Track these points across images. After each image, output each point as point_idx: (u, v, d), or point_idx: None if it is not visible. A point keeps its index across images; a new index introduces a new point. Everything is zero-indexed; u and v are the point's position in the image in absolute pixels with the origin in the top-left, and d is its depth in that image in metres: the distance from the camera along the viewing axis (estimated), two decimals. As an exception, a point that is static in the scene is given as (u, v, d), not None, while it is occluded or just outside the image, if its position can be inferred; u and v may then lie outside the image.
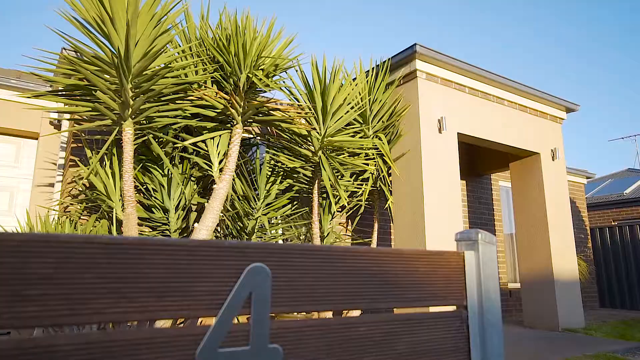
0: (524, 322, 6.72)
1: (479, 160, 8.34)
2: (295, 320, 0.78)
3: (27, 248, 0.57)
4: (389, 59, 5.73)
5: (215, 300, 0.70)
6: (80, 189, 4.34)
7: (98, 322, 0.62)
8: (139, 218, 4.17)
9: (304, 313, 3.90)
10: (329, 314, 4.61)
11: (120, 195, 3.88)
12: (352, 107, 5.04)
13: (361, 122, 5.43)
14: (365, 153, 5.35)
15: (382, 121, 5.56)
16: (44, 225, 3.56)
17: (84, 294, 0.60)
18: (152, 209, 4.27)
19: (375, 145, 5.37)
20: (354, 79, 5.56)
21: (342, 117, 4.72)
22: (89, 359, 0.60)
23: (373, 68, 5.78)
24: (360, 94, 5.22)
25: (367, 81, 5.45)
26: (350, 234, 6.55)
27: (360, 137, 5.39)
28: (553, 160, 6.89)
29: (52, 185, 5.33)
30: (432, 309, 3.10)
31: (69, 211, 4.35)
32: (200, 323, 3.65)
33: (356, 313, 4.68)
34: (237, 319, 0.74)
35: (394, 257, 0.92)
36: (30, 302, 0.56)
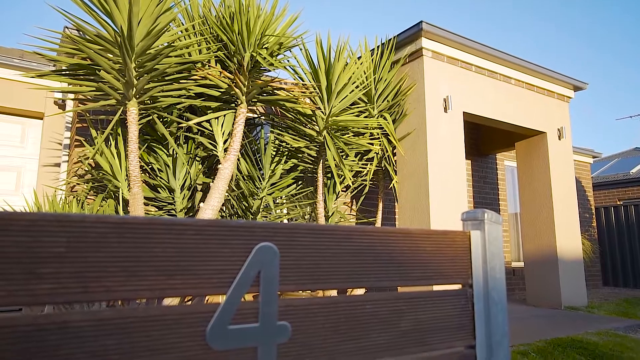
0: (526, 300, 6.79)
1: (485, 139, 8.29)
2: (302, 298, 0.79)
3: (39, 227, 0.58)
4: (394, 37, 5.65)
5: (224, 278, 0.71)
6: (86, 169, 4.36)
7: (109, 300, 0.63)
8: (145, 198, 4.20)
9: (310, 291, 3.95)
10: (333, 293, 4.66)
11: (126, 175, 3.90)
12: (357, 86, 5.00)
13: (366, 101, 5.39)
14: (370, 133, 5.33)
15: (387, 100, 5.51)
16: (52, 205, 3.60)
17: (96, 272, 0.61)
18: (158, 188, 4.29)
19: (380, 125, 5.34)
20: (359, 58, 5.49)
21: (347, 96, 4.69)
22: (101, 335, 0.61)
23: (378, 46, 5.71)
24: (365, 73, 5.17)
25: (372, 60, 5.39)
26: (354, 214, 6.58)
27: (365, 117, 5.35)
28: (559, 139, 6.84)
29: (58, 165, 5.36)
30: (438, 288, 3.13)
31: (76, 191, 4.38)
32: (207, 301, 3.71)
33: (360, 292, 4.74)
34: (245, 298, 0.75)
35: (400, 236, 0.92)
36: (44, 280, 0.58)
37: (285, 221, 4.42)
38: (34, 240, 0.57)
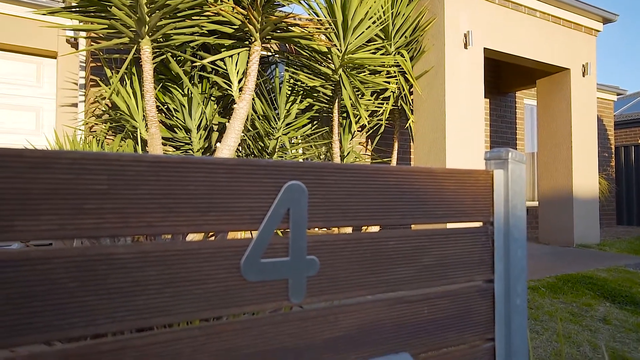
0: (538, 238, 6.88)
1: (504, 77, 8.04)
2: (329, 234, 0.82)
3: (81, 165, 0.60)
4: (414, -33, 5.34)
5: (255, 215, 0.74)
6: (104, 109, 4.38)
7: (150, 234, 0.66)
8: (162, 138, 4.24)
9: (335, 229, 4.07)
10: (348, 230, 4.78)
11: (143, 115, 3.92)
12: (373, 22, 4.81)
13: (383, 38, 5.21)
14: (387, 71, 5.20)
15: (405, 37, 5.32)
16: (73, 145, 3.66)
17: (136, 208, 0.64)
18: (175, 128, 4.32)
19: (397, 63, 5.19)
20: (377, -10, 5.24)
21: (363, 32, 4.53)
22: (143, 265, 0.66)
23: (397, -23, 5.41)
24: (382, 7, 4.95)
25: (390, -8, 5.13)
26: (370, 154, 6.58)
27: (382, 54, 5.20)
28: (583, 76, 6.59)
29: (75, 105, 5.39)
30: (458, 225, 3.19)
31: (95, 131, 4.44)
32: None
33: (376, 230, 4.85)
34: (277, 233, 0.78)
35: (424, 175, 0.93)
36: (89, 215, 0.61)
37: (297, 160, 4.45)
38: (77, 177, 0.60)
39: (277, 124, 4.63)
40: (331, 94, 4.97)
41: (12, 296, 0.56)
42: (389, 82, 5.12)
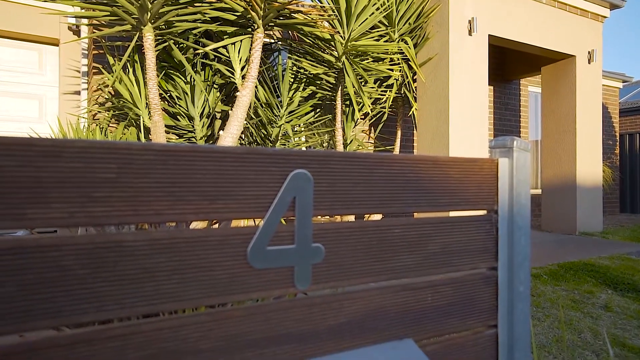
0: (541, 226, 6.89)
1: (509, 64, 7.97)
2: (334, 222, 0.83)
3: (90, 154, 0.61)
4: (418, -48, 5.27)
5: (262, 203, 0.75)
6: (106, 96, 4.38)
7: (158, 222, 0.67)
8: (165, 126, 4.24)
9: (339, 217, 4.08)
10: (351, 218, 4.79)
11: (146, 103, 3.91)
12: (377, 9, 4.77)
13: (386, 24, 5.16)
14: (390, 58, 5.16)
15: (409, 23, 5.27)
16: (76, 133, 3.67)
17: (145, 196, 0.65)
18: (177, 116, 4.32)
19: (401, 50, 5.16)
20: (380, -24, 5.18)
21: (366, 19, 4.49)
22: (152, 253, 0.66)
23: (401, -38, 5.34)
24: (386, -7, 4.90)
25: (394, -22, 5.08)
26: (372, 142, 6.57)
27: (385, 41, 5.16)
28: (589, 63, 6.53)
29: (78, 93, 5.38)
30: (462, 214, 3.20)
31: (98, 119, 4.44)
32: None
33: (378, 217, 4.86)
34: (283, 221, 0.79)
35: (428, 163, 0.94)
36: (99, 203, 0.61)
37: (304, 149, 4.45)
38: (87, 166, 0.60)
39: (280, 111, 4.62)
40: (334, 82, 4.94)
41: (25, 282, 0.57)
42: (392, 70, 5.09)
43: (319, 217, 0.81)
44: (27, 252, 0.58)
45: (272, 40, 5.12)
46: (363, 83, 5.21)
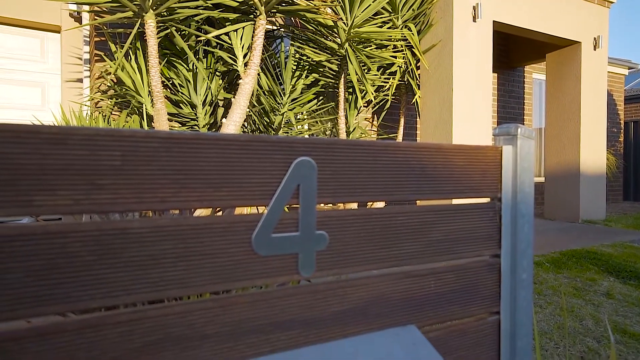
0: (543, 214, 6.89)
1: (513, 50, 7.89)
2: (338, 210, 0.83)
3: (95, 141, 0.61)
4: (423, -64, 5.19)
5: (266, 191, 0.75)
6: (109, 84, 4.37)
7: (163, 210, 0.68)
8: (168, 113, 4.24)
9: (342, 205, 4.09)
10: (354, 206, 4.80)
11: (149, 91, 3.90)
12: (381, -6, 4.71)
13: (390, 11, 5.11)
14: (394, 45, 5.12)
15: (413, 9, 5.21)
16: (79, 121, 3.67)
17: (150, 184, 0.65)
18: (180, 104, 4.31)
19: (404, 36, 5.11)
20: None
21: (370, 5, 4.44)
22: (158, 239, 0.67)
23: (405, -53, 5.27)
24: (390, -22, 4.84)
25: (398, -37, 5.01)
26: (375, 129, 6.55)
27: (389, 28, 5.11)
28: (595, 49, 6.46)
29: (80, 80, 5.37)
30: (465, 201, 3.20)
31: (100, 107, 4.43)
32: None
33: (381, 206, 4.87)
34: (286, 209, 0.79)
35: (432, 151, 0.94)
36: (104, 190, 0.62)
37: (307, 137, 4.43)
38: (92, 153, 0.61)
39: (282, 99, 4.60)
40: (337, 69, 4.91)
41: (33, 268, 0.58)
42: (395, 57, 5.05)
43: (323, 204, 0.81)
44: (35, 238, 0.58)
45: (275, 27, 5.08)
46: (366, 70, 5.17)
